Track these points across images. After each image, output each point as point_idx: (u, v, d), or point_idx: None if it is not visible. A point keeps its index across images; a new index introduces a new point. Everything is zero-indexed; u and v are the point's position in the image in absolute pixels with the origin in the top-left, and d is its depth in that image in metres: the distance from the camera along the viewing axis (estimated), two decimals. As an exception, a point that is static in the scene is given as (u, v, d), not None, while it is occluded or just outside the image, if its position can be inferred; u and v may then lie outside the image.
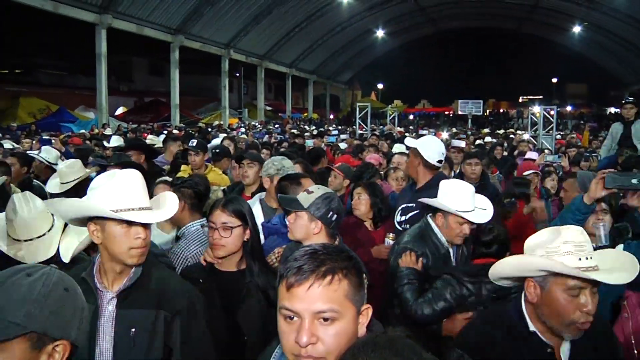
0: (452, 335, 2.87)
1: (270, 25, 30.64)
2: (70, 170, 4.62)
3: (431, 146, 4.16)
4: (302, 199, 2.77)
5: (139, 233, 2.09)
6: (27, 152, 8.19)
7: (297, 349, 1.38)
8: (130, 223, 2.08)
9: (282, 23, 31.63)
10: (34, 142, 10.79)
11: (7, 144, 9.41)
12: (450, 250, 3.43)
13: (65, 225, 2.90)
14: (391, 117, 26.27)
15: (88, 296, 2.08)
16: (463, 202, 3.27)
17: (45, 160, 6.60)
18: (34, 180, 6.00)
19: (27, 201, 2.88)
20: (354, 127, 23.11)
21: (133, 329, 2.10)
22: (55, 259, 2.80)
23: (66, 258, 2.64)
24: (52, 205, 2.20)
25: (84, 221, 2.18)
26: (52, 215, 2.91)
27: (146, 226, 2.13)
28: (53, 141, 10.34)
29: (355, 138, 13.28)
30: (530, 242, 2.11)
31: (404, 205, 4.18)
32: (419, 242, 3.35)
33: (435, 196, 3.41)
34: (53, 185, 4.70)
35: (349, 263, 1.45)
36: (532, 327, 2.11)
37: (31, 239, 2.80)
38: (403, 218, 4.15)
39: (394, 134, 15.53)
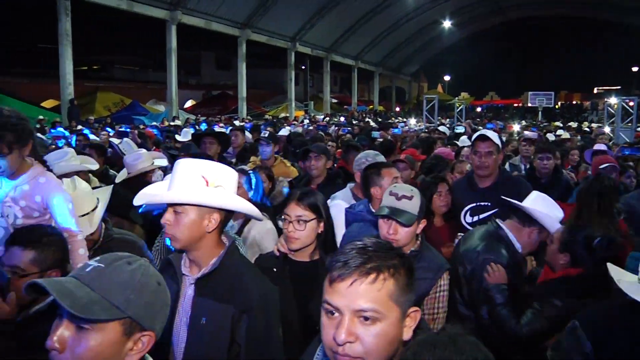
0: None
1: (335, 17, 30.60)
2: (133, 162, 4.82)
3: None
4: (410, 208, 2.73)
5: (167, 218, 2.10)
6: (110, 140, 8.61)
7: (335, 345, 1.34)
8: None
9: (347, 15, 31.52)
10: (111, 134, 11.36)
11: (92, 137, 10.12)
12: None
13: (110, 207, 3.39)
14: (458, 109, 25.73)
15: (172, 278, 2.16)
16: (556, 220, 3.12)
17: (121, 152, 6.90)
18: (110, 170, 6.29)
19: (75, 184, 3.29)
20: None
21: (204, 318, 2.13)
22: (98, 237, 3.23)
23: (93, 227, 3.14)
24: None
25: None
26: (97, 198, 3.30)
27: (174, 210, 2.09)
28: (130, 132, 10.84)
29: (424, 131, 13.07)
30: None
31: (472, 205, 3.92)
32: (498, 251, 3.05)
33: (507, 195, 3.25)
34: (120, 175, 5.02)
35: (398, 262, 1.39)
36: None
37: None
38: (475, 219, 3.88)
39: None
